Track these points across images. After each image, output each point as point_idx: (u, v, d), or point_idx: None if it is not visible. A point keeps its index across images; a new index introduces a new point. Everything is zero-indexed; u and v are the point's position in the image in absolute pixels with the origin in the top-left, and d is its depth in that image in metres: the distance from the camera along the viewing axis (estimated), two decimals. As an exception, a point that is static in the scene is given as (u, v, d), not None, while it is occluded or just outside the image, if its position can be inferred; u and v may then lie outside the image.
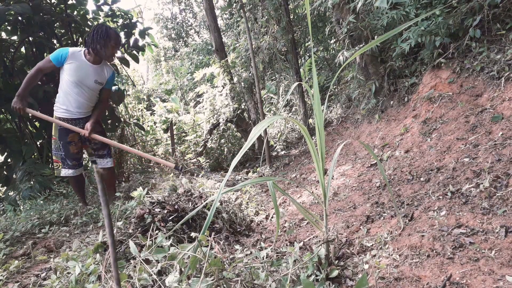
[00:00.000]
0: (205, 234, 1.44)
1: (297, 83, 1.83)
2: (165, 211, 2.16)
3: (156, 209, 2.17)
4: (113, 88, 4.51)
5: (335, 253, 1.76)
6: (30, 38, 4.29)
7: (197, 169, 4.79)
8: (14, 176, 4.26)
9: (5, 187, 4.49)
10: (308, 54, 6.99)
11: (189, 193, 2.44)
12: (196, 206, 2.29)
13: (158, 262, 1.59)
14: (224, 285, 1.39)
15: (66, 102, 2.98)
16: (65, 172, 3.12)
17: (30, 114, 3.53)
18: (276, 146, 5.90)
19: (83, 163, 3.30)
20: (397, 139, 3.27)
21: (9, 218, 3.17)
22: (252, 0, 5.90)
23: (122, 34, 5.19)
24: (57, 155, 3.12)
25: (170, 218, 2.12)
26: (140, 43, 5.25)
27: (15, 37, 4.35)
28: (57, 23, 4.55)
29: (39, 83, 4.51)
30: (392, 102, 3.87)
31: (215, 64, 6.04)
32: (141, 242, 1.89)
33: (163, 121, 7.70)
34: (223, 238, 2.20)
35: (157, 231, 1.96)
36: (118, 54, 3.07)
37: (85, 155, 3.58)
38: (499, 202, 1.81)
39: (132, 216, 2.24)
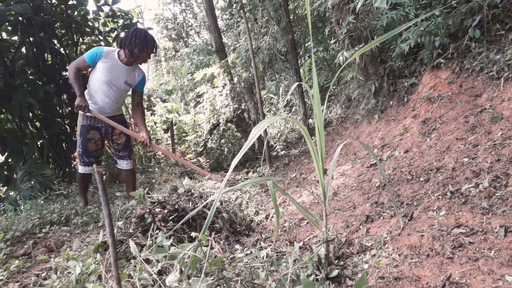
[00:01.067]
0: (205, 234, 1.44)
1: (297, 83, 1.84)
2: (166, 211, 2.16)
3: (156, 209, 2.17)
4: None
5: (335, 253, 1.76)
6: (31, 39, 4.29)
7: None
8: (14, 176, 4.27)
9: (6, 187, 4.50)
10: (308, 54, 6.99)
11: (189, 193, 2.45)
12: (196, 206, 2.29)
13: (159, 262, 1.60)
14: (224, 285, 1.40)
15: (94, 100, 3.01)
16: (82, 169, 3.16)
17: (30, 114, 3.54)
18: (276, 146, 5.90)
19: (101, 162, 3.34)
20: (397, 139, 3.28)
21: (10, 218, 3.17)
22: (252, 1, 5.91)
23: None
24: (77, 151, 3.17)
25: (171, 218, 2.13)
26: (141, 43, 5.25)
27: (15, 38, 4.36)
28: (58, 24, 4.56)
29: (40, 83, 4.52)
30: (391, 102, 3.88)
31: (215, 64, 6.05)
32: (141, 242, 1.89)
33: (163, 121, 7.71)
34: (223, 238, 2.21)
35: (157, 231, 1.97)
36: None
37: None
38: (498, 202, 1.81)
39: (133, 216, 2.25)
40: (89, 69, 3.05)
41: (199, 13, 12.98)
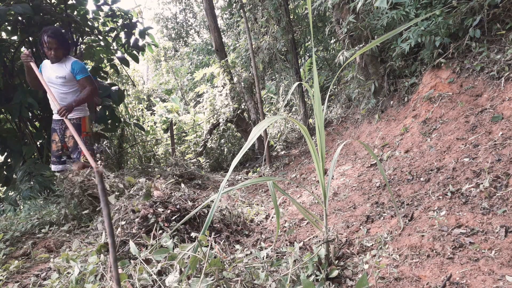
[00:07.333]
0: (205, 234, 1.44)
1: (297, 83, 1.84)
2: (168, 211, 2.16)
3: (159, 209, 2.17)
4: (113, 88, 4.50)
5: (335, 253, 1.76)
6: (30, 38, 4.28)
7: (197, 169, 4.79)
8: (14, 176, 4.26)
9: (5, 187, 4.49)
10: (308, 54, 6.99)
11: (188, 194, 2.45)
12: (197, 206, 2.29)
13: (159, 262, 1.60)
14: (224, 285, 1.39)
15: (51, 105, 3.28)
16: (53, 167, 3.42)
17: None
18: (276, 146, 5.90)
19: (65, 162, 3.46)
20: (397, 139, 3.28)
21: (9, 218, 3.16)
22: (252, 0, 5.90)
23: (122, 34, 5.19)
24: None
25: (173, 218, 2.13)
26: (140, 43, 5.25)
27: (15, 37, 4.35)
28: (57, 23, 4.55)
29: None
30: (392, 102, 3.87)
31: (215, 64, 6.04)
32: (145, 242, 1.89)
33: (163, 121, 7.70)
34: (223, 238, 2.21)
35: (160, 231, 1.97)
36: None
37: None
38: (499, 202, 1.81)
39: (135, 216, 2.24)
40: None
41: (199, 12, 12.96)
